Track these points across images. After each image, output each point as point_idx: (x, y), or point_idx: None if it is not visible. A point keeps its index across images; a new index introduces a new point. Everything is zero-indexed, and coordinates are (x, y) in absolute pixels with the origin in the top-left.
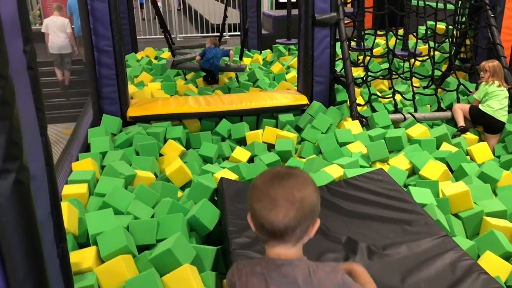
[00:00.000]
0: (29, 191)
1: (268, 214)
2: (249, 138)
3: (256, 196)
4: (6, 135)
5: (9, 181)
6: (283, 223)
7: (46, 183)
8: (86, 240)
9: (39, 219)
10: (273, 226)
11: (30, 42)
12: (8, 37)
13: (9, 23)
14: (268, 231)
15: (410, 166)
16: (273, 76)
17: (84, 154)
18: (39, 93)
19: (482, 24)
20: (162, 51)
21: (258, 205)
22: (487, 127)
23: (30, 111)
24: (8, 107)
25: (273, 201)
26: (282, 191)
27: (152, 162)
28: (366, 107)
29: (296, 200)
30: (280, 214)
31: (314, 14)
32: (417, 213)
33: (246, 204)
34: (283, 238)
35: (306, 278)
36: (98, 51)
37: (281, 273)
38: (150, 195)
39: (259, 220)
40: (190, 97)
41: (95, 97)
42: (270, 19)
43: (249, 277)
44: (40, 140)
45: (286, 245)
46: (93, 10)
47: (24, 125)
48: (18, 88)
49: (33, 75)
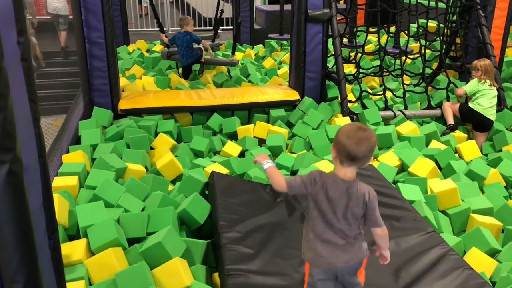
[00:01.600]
0: (22, 183)
1: (356, 147)
2: (240, 132)
3: (346, 134)
4: (0, 126)
5: (2, 172)
6: (362, 153)
7: (39, 175)
8: (76, 232)
9: (31, 210)
10: (357, 154)
11: (24, 33)
12: (2, 28)
13: (3, 14)
14: (350, 157)
15: (399, 163)
16: (265, 71)
17: (75, 146)
18: (32, 85)
19: (473, 23)
20: (154, 44)
21: (348, 140)
22: (476, 125)
23: (23, 103)
24: (2, 98)
25: (359, 140)
26: (364, 136)
27: (143, 155)
28: (357, 104)
29: (371, 143)
30: (363, 148)
31: (307, 10)
32: (406, 209)
33: (237, 198)
34: (356, 162)
35: (354, 190)
36: (89, 42)
37: (348, 187)
38: (141, 188)
39: (346, 149)
40: (182, 91)
41: (86, 89)
42: (263, 13)
43: (327, 185)
44: (33, 132)
45: (354, 167)
46: (85, 2)
47: (18, 116)
48: (12, 80)
49: (27, 67)
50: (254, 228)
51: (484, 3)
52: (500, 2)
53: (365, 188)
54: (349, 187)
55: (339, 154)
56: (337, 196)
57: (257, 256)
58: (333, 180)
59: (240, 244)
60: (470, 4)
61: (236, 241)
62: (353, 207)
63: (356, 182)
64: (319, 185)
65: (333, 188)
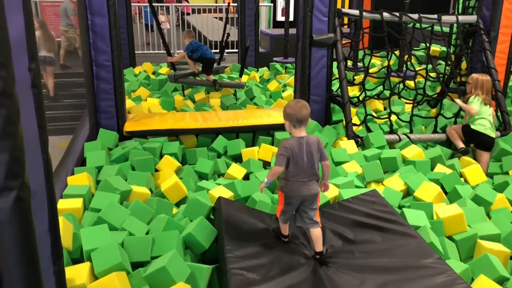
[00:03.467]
0: (29, 209)
1: (300, 112)
2: (245, 155)
3: (291, 108)
4: (10, 152)
5: (10, 198)
6: (305, 116)
7: (45, 200)
8: (80, 256)
9: (37, 236)
10: (302, 117)
11: (35, 60)
12: (15, 55)
13: (16, 41)
14: (299, 120)
15: (404, 187)
16: (270, 94)
17: (80, 168)
18: (42, 111)
19: (477, 48)
20: (160, 66)
21: (294, 110)
22: (480, 145)
23: (32, 129)
24: (12, 125)
25: (300, 108)
26: (302, 104)
27: (148, 177)
28: (361, 127)
29: (308, 108)
30: (305, 112)
31: (311, 34)
32: (410, 236)
33: (243, 225)
34: (303, 123)
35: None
36: (96, 65)
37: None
38: (145, 211)
39: (295, 116)
40: (187, 113)
41: (92, 111)
42: (267, 37)
43: (294, 146)
44: (41, 157)
45: (303, 127)
46: (93, 25)
47: (27, 142)
48: (22, 106)
49: (37, 93)
50: (260, 254)
51: (487, 28)
52: (504, 28)
53: (314, 137)
54: (306, 140)
55: (291, 121)
56: (302, 149)
57: (263, 281)
58: (295, 141)
59: (246, 270)
60: (474, 29)
61: (242, 267)
62: (313, 151)
63: (307, 136)
64: (290, 150)
65: (297, 146)
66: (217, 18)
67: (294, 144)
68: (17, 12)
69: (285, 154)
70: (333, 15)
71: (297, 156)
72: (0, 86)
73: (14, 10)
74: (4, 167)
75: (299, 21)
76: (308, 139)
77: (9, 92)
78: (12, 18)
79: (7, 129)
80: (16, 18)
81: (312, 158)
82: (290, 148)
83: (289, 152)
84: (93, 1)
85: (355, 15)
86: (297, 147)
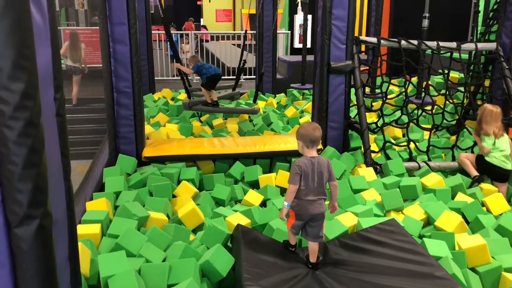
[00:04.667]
0: (51, 237)
1: (313, 133)
2: (262, 181)
3: (304, 129)
4: (33, 181)
5: (32, 227)
6: (318, 137)
7: (66, 228)
8: (97, 282)
9: (58, 265)
10: (316, 137)
11: (61, 89)
12: (41, 85)
13: (43, 72)
14: (312, 141)
15: (425, 216)
16: (287, 120)
17: (99, 193)
18: (65, 139)
19: (497, 75)
20: (179, 93)
21: (308, 131)
22: (494, 177)
23: (55, 157)
24: (37, 154)
25: (313, 129)
26: (315, 126)
27: (165, 203)
28: (380, 154)
29: (320, 129)
30: (318, 133)
31: (329, 61)
32: (432, 266)
33: (261, 253)
34: (316, 143)
35: (321, 161)
36: (117, 92)
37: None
38: (163, 238)
39: (308, 137)
40: (205, 139)
41: (111, 136)
42: (285, 64)
43: (306, 164)
44: (63, 185)
45: (315, 147)
46: (115, 53)
47: (50, 170)
48: (46, 135)
49: (61, 122)
50: (278, 283)
51: (507, 56)
52: None
53: (325, 158)
54: (318, 160)
55: (305, 142)
56: (313, 168)
57: None
58: (306, 160)
59: None
60: (493, 56)
61: None
62: (323, 171)
63: (318, 156)
64: (302, 168)
65: (309, 165)
66: (234, 45)
67: (306, 163)
68: (45, 45)
69: (298, 171)
70: (351, 43)
71: (308, 175)
72: (27, 116)
73: (43, 43)
74: (28, 196)
75: (317, 49)
76: (319, 160)
77: (35, 122)
78: (41, 50)
79: (31, 158)
80: (44, 50)
81: (322, 178)
82: (302, 165)
83: (301, 169)
84: (116, 30)
85: (373, 43)
86: (309, 166)
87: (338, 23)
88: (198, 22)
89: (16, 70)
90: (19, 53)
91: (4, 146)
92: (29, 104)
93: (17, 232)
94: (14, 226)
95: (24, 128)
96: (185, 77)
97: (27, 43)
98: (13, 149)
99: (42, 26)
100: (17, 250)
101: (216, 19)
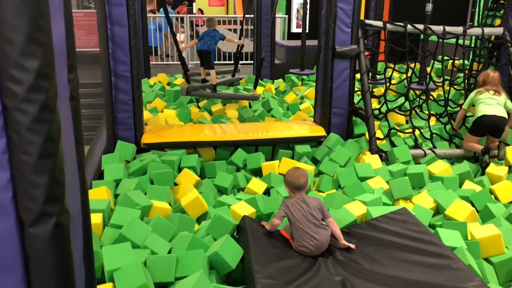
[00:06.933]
0: (69, 236)
1: (298, 181)
2: (265, 169)
3: (291, 176)
4: (50, 174)
5: (49, 225)
6: (304, 183)
7: (81, 224)
8: (101, 276)
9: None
10: (301, 184)
11: (75, 70)
12: (56, 64)
13: (57, 49)
14: (298, 187)
15: (434, 205)
16: (287, 106)
17: (98, 181)
18: (79, 125)
19: (503, 61)
20: (175, 78)
21: (293, 178)
22: (490, 130)
23: (70, 145)
24: (53, 143)
25: (299, 176)
26: (301, 173)
27: (168, 192)
28: (385, 141)
29: (306, 176)
30: (303, 180)
31: (334, 45)
32: (448, 257)
33: (270, 244)
34: (303, 190)
35: (308, 200)
36: (115, 76)
37: (304, 200)
38: (167, 228)
39: (294, 184)
40: (206, 125)
41: (109, 122)
42: (283, 49)
43: (294, 203)
44: (78, 176)
45: (302, 193)
46: (112, 35)
47: (65, 161)
48: (61, 120)
49: (75, 106)
50: (289, 273)
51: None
52: None
53: (315, 199)
54: (305, 199)
55: (290, 188)
56: (301, 208)
57: None
58: (294, 200)
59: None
60: (500, 42)
61: (272, 286)
62: (313, 212)
63: (307, 197)
64: (290, 207)
65: (297, 204)
66: (231, 30)
67: (294, 202)
68: (59, 18)
69: (284, 210)
70: (357, 26)
71: (294, 214)
72: (42, 99)
73: (56, 15)
74: (44, 190)
75: (321, 32)
76: (308, 199)
77: (51, 106)
78: (55, 23)
79: (48, 147)
80: (58, 24)
81: (315, 217)
82: (289, 204)
83: (288, 209)
84: (113, 11)
85: (379, 27)
86: (296, 205)
87: (343, 5)
88: (191, 6)
89: (31, 44)
90: (34, 25)
91: (16, 133)
92: (44, 85)
93: (31, 232)
94: (28, 224)
95: (39, 112)
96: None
97: (42, 13)
98: (27, 137)
99: None
100: (31, 251)
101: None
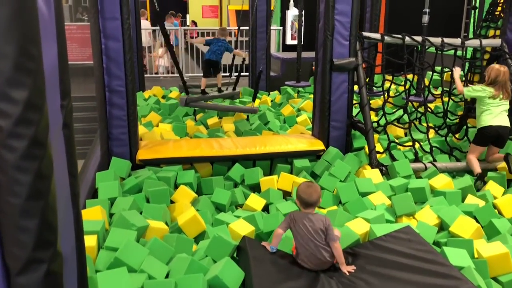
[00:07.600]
0: (61, 283)
1: (310, 198)
2: (264, 184)
3: (303, 191)
4: (40, 216)
5: (39, 273)
6: (316, 200)
7: (75, 265)
8: None
9: None
10: (312, 201)
11: (68, 95)
12: (47, 92)
13: (49, 74)
14: (310, 204)
15: (438, 221)
16: (284, 119)
17: (92, 200)
18: (73, 156)
19: None
20: (170, 91)
21: (305, 194)
22: (493, 141)
23: (63, 179)
24: (45, 182)
25: (311, 193)
26: (314, 190)
27: (164, 210)
28: (385, 155)
29: (318, 193)
30: (315, 196)
31: (332, 58)
32: (456, 278)
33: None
34: (314, 206)
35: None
36: (109, 91)
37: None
38: (165, 250)
39: (305, 201)
40: (202, 140)
41: (104, 138)
42: (278, 61)
43: (298, 219)
44: (72, 213)
45: (313, 210)
46: (107, 50)
47: (57, 197)
48: (53, 154)
49: (68, 135)
50: None
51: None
52: None
53: (322, 216)
54: (311, 217)
55: (301, 203)
56: (305, 224)
57: None
58: (301, 213)
59: None
60: (498, 53)
61: None
62: (318, 230)
63: (315, 213)
64: (294, 218)
65: (301, 217)
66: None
67: (300, 217)
68: (51, 40)
69: (289, 222)
70: (355, 39)
71: (298, 229)
72: (32, 133)
73: (48, 37)
74: (33, 235)
75: (319, 45)
76: (314, 218)
77: (42, 140)
78: (46, 47)
79: (38, 186)
80: (50, 47)
81: (316, 238)
82: (296, 218)
83: (293, 223)
84: (108, 24)
85: (376, 39)
86: (302, 221)
87: (341, 18)
88: (185, 18)
89: (19, 72)
90: (22, 51)
91: (3, 172)
92: (34, 117)
93: (19, 281)
94: (15, 273)
95: (28, 148)
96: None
97: (32, 38)
98: (14, 176)
99: (47, 16)
100: None
101: (203, 15)
